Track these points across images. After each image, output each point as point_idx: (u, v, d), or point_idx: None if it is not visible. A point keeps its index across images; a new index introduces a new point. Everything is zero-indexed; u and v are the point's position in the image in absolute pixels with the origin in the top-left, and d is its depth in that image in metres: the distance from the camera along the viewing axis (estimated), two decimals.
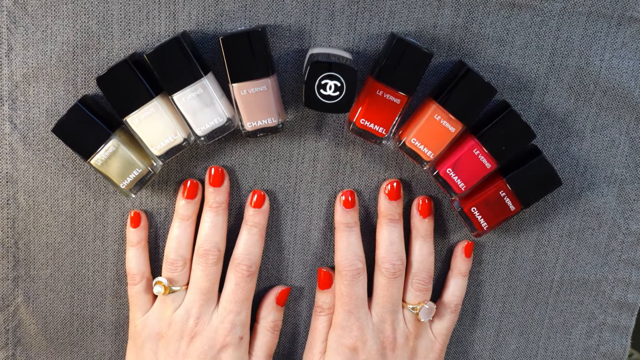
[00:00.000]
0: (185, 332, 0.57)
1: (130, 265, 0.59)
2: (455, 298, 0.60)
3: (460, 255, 0.60)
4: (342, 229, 0.58)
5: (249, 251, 0.58)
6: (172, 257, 0.58)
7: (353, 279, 0.57)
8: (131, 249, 0.59)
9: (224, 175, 0.58)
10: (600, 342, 0.64)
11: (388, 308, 0.58)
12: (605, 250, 0.61)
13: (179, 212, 0.58)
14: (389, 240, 0.58)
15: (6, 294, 0.60)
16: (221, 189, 0.58)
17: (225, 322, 0.58)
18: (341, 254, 0.58)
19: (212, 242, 0.58)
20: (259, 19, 0.55)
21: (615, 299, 0.62)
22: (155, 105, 0.53)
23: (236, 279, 0.58)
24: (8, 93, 0.56)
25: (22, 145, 0.57)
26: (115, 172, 0.54)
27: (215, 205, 0.58)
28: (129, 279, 0.59)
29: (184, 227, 0.58)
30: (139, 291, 0.59)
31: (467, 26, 0.55)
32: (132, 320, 0.60)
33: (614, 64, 0.56)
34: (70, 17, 0.54)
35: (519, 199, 0.55)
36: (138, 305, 0.59)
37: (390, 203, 0.58)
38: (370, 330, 0.58)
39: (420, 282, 0.58)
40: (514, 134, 0.54)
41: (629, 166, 0.59)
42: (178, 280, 0.58)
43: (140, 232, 0.59)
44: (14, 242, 0.59)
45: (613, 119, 0.58)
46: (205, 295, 0.58)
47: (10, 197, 0.58)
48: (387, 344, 0.58)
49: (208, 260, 0.57)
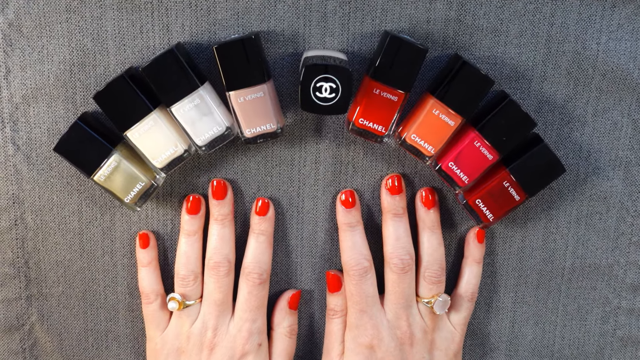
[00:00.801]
0: (205, 345, 0.58)
1: (143, 284, 0.59)
2: (471, 286, 0.60)
3: (473, 242, 0.60)
4: (345, 229, 0.58)
5: (259, 259, 0.58)
6: (182, 272, 0.58)
7: (361, 278, 0.57)
8: (142, 269, 0.59)
9: (226, 187, 0.58)
10: (617, 326, 0.63)
11: (401, 304, 0.58)
12: (614, 234, 0.61)
13: (185, 228, 0.58)
14: (395, 236, 0.58)
15: (20, 313, 0.61)
16: (225, 201, 0.58)
17: (242, 331, 0.58)
18: (347, 254, 0.58)
19: (222, 254, 0.58)
20: (252, 26, 0.55)
21: (629, 282, 0.62)
22: (154, 118, 0.53)
23: (248, 288, 0.58)
24: (9, 115, 0.56)
25: (26, 165, 0.57)
26: (118, 186, 0.54)
27: (221, 217, 0.58)
28: (143, 298, 0.60)
29: (191, 242, 0.58)
30: (154, 309, 0.59)
31: (460, 19, 0.55)
32: (150, 338, 0.60)
33: (611, 46, 0.56)
34: (65, 36, 0.55)
35: (523, 188, 0.55)
36: (155, 323, 0.60)
37: (392, 198, 0.58)
38: (386, 327, 0.58)
39: (432, 274, 0.58)
40: (514, 124, 0.54)
41: (633, 148, 0.59)
42: (191, 294, 0.58)
43: (150, 252, 0.59)
44: (24, 261, 0.60)
45: (614, 101, 0.57)
46: (220, 306, 0.58)
47: (18, 217, 0.59)
48: (404, 339, 0.58)
49: (219, 273, 0.58)
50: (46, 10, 0.54)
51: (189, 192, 0.59)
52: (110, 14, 0.54)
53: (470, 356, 0.64)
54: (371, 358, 0.58)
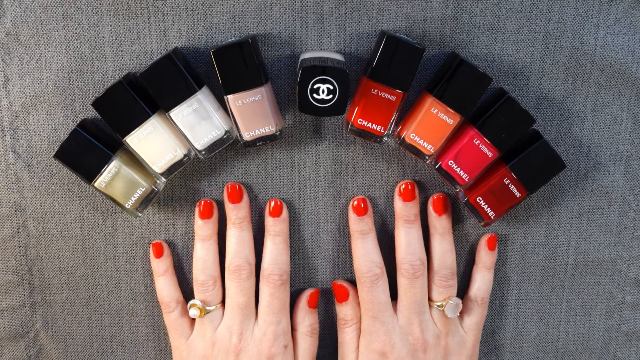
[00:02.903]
0: (230, 350, 0.58)
1: (162, 294, 0.59)
2: (482, 292, 0.60)
3: (484, 249, 0.60)
4: (357, 236, 0.58)
5: (277, 260, 0.58)
6: (201, 278, 0.58)
7: (372, 285, 0.57)
8: (159, 279, 0.59)
9: (242, 190, 0.58)
10: (621, 321, 0.63)
11: (414, 309, 0.58)
12: (617, 229, 0.61)
13: (199, 233, 0.58)
14: (406, 241, 0.58)
15: (25, 320, 0.61)
16: (241, 204, 0.58)
17: (267, 334, 0.58)
18: (358, 261, 0.58)
19: (242, 257, 0.58)
20: (249, 29, 0.55)
21: (632, 276, 0.62)
22: (153, 123, 0.53)
23: (270, 290, 0.58)
24: (9, 123, 0.56)
25: (27, 173, 0.58)
26: (119, 192, 0.55)
27: (239, 221, 0.58)
28: (163, 308, 0.60)
29: (206, 247, 0.58)
30: (176, 318, 0.59)
31: (457, 17, 0.55)
32: (176, 347, 0.60)
33: (609, 40, 0.56)
34: (62, 44, 0.55)
35: (523, 185, 0.55)
36: (178, 331, 0.59)
37: (405, 204, 0.58)
38: (398, 334, 0.58)
39: (442, 278, 0.58)
40: (514, 121, 0.54)
41: (634, 142, 0.58)
42: (211, 300, 0.58)
43: (165, 261, 0.59)
44: (27, 269, 0.60)
45: (613, 96, 0.57)
46: (244, 310, 0.58)
47: (20, 225, 0.59)
48: (417, 346, 0.57)
49: (241, 276, 0.58)
50: (43, 18, 0.54)
51: (189, 196, 0.59)
52: (107, 20, 0.54)
53: None
54: None
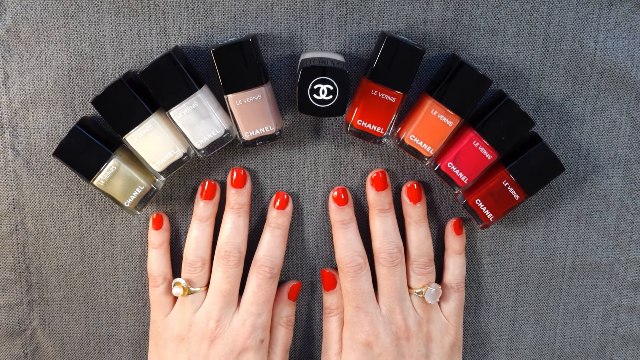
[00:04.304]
0: (206, 335, 0.57)
1: (152, 267, 0.59)
2: (456, 277, 0.60)
3: (451, 234, 0.60)
4: (339, 226, 0.58)
5: (272, 253, 0.58)
6: (191, 258, 0.58)
7: (355, 275, 0.58)
8: (152, 251, 0.59)
9: (246, 176, 0.58)
10: (618, 324, 0.63)
11: (394, 297, 0.58)
12: (615, 232, 0.61)
13: (197, 213, 0.58)
14: (382, 230, 0.58)
15: (22, 318, 0.61)
16: (243, 190, 0.58)
17: (246, 325, 0.57)
18: (340, 251, 0.58)
19: (234, 243, 0.58)
20: (249, 29, 0.55)
21: (630, 280, 0.62)
22: (152, 122, 0.53)
23: (258, 281, 0.58)
24: (8, 120, 0.56)
25: (26, 170, 0.58)
26: (118, 191, 0.55)
27: (238, 206, 0.58)
28: (150, 281, 0.59)
29: (202, 227, 0.58)
30: (160, 293, 0.59)
31: (457, 19, 0.55)
32: (153, 321, 0.60)
33: (609, 44, 0.56)
34: (63, 41, 0.55)
35: (522, 187, 0.55)
36: (160, 307, 0.59)
37: (378, 194, 0.58)
38: (381, 323, 0.58)
39: (420, 265, 0.58)
40: (513, 123, 0.54)
41: (632, 146, 0.58)
42: (197, 281, 0.58)
43: (162, 234, 0.59)
44: (25, 266, 0.60)
45: (612, 100, 0.57)
46: (226, 297, 0.58)
47: (18, 222, 0.59)
48: (400, 334, 0.58)
49: (229, 262, 0.57)
50: (44, 16, 0.54)
51: (188, 195, 0.59)
52: (107, 18, 0.54)
53: (472, 355, 0.64)
54: (368, 355, 0.58)
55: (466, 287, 0.62)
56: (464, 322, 0.63)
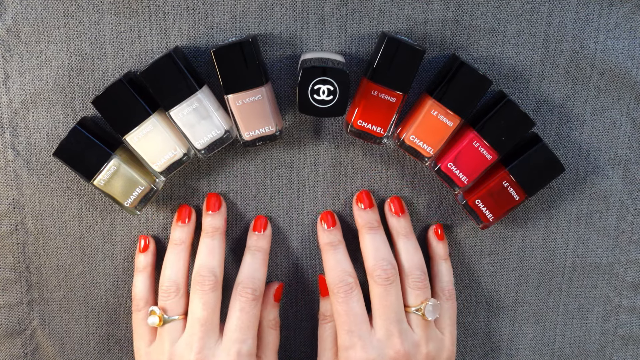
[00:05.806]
0: None
1: (135, 290, 0.58)
2: (446, 284, 0.59)
3: (434, 240, 0.60)
4: (327, 248, 0.58)
5: (253, 275, 0.57)
6: (165, 284, 0.56)
7: (346, 295, 0.56)
8: (137, 275, 0.59)
9: (220, 200, 0.58)
10: (618, 324, 0.63)
11: (392, 318, 0.55)
12: (615, 233, 0.61)
13: (172, 237, 0.58)
14: (373, 247, 0.57)
15: (22, 318, 0.61)
16: (218, 213, 0.57)
17: (231, 354, 0.54)
18: (330, 273, 0.57)
19: (208, 267, 0.56)
20: (250, 29, 0.55)
21: (629, 280, 0.62)
22: (153, 122, 0.53)
23: (241, 304, 0.55)
24: (8, 120, 0.56)
25: (26, 170, 0.58)
26: (118, 191, 0.55)
27: (212, 230, 0.57)
28: (133, 304, 0.59)
29: (176, 252, 0.57)
30: (141, 318, 0.58)
31: (457, 19, 0.55)
32: (136, 350, 0.58)
33: (609, 45, 0.56)
34: (63, 41, 0.55)
35: (522, 188, 0.55)
36: (139, 334, 0.58)
37: (365, 212, 0.58)
38: (376, 349, 0.55)
39: (416, 280, 0.57)
40: (513, 124, 0.54)
41: (632, 146, 0.58)
42: (172, 308, 0.56)
43: (147, 258, 0.59)
44: (25, 266, 0.60)
45: (612, 100, 0.57)
46: (204, 326, 0.55)
47: (18, 222, 0.59)
48: (399, 358, 0.55)
49: (204, 287, 0.55)
50: (44, 16, 0.54)
51: (188, 195, 0.59)
52: (108, 18, 0.54)
53: (471, 356, 0.64)
54: None
55: (466, 287, 0.62)
56: (464, 322, 0.63)
